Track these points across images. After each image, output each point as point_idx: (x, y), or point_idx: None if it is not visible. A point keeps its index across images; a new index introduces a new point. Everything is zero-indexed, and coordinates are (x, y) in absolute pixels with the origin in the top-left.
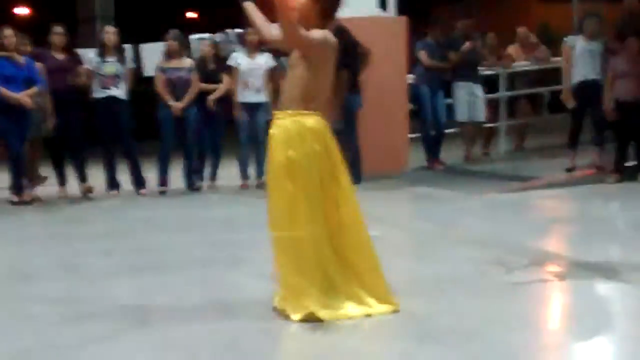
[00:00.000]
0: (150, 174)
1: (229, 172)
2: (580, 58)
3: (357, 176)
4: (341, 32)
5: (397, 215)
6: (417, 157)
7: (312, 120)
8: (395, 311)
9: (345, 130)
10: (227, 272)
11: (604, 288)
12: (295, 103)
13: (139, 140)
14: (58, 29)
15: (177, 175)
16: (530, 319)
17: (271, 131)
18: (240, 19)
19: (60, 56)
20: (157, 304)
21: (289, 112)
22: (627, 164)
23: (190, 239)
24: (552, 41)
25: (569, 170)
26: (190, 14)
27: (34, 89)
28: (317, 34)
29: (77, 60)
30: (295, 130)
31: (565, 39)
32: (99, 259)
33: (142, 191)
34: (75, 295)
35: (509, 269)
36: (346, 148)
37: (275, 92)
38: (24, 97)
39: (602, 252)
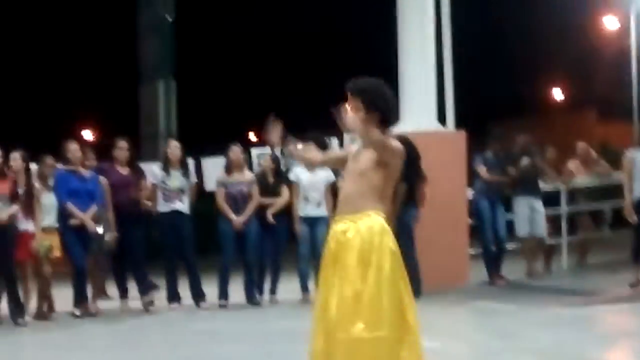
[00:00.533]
0: (211, 288)
1: (289, 286)
2: None
3: (417, 290)
4: (405, 144)
5: (457, 328)
6: (479, 272)
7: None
8: None
9: (402, 243)
10: None
11: None
12: (369, 204)
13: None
14: (122, 144)
15: (237, 289)
16: None
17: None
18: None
19: (124, 171)
20: None
21: (365, 212)
22: None
23: (248, 350)
24: (613, 160)
25: (633, 285)
26: (252, 135)
27: (93, 208)
28: (395, 142)
29: (140, 175)
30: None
31: (626, 151)
32: None
33: (202, 304)
34: None
35: None
36: (404, 261)
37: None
38: (88, 221)
39: None
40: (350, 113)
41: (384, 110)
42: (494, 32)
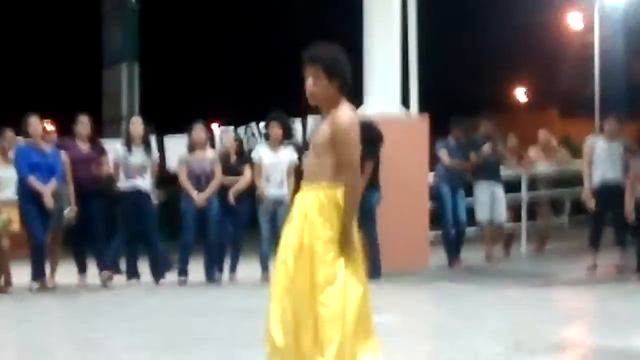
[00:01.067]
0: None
1: (249, 266)
2: (601, 159)
3: (376, 271)
4: (369, 125)
5: (415, 306)
6: (438, 256)
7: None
8: None
9: (364, 224)
10: (243, 350)
11: None
12: (324, 176)
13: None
14: (83, 119)
15: (197, 269)
16: None
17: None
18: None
19: (84, 146)
20: None
21: (323, 183)
22: None
23: (205, 323)
24: (573, 153)
25: (591, 269)
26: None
27: (53, 183)
28: (356, 152)
29: (101, 151)
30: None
31: (586, 138)
32: (117, 338)
33: (161, 281)
34: None
35: (531, 353)
36: (365, 242)
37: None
38: (47, 195)
39: (625, 339)
40: (311, 83)
41: (343, 76)
42: (459, 29)
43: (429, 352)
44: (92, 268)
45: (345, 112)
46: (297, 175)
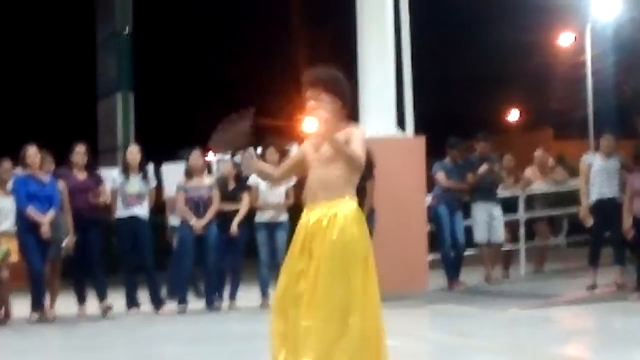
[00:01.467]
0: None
1: (249, 292)
2: (598, 176)
3: None
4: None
5: (415, 328)
6: (437, 278)
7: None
8: None
9: None
10: None
11: None
12: (343, 189)
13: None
14: (79, 148)
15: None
16: None
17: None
18: (261, 139)
19: (81, 176)
20: None
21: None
22: None
23: (207, 350)
24: (569, 170)
25: (590, 288)
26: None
27: (51, 213)
28: (362, 147)
29: (98, 180)
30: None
31: (582, 157)
32: None
33: (161, 310)
34: None
35: None
36: None
37: (297, 208)
38: (45, 225)
39: (625, 355)
40: (315, 106)
41: (345, 98)
42: (451, 50)
43: None
44: (92, 298)
45: (354, 126)
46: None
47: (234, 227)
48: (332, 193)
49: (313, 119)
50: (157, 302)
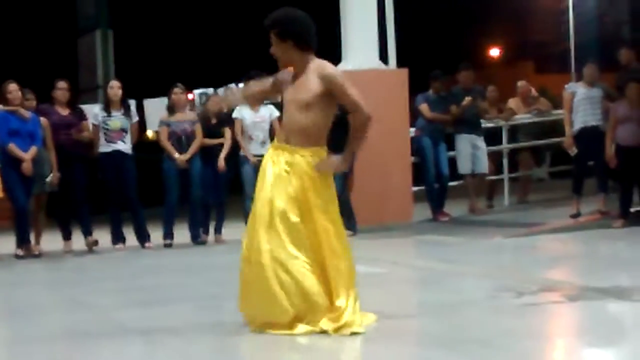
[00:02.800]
0: (156, 229)
1: (234, 226)
2: (581, 104)
3: (353, 224)
4: None
5: (402, 257)
6: (422, 210)
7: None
8: (375, 321)
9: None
10: (233, 304)
11: (614, 307)
12: (315, 140)
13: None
14: (61, 84)
15: (182, 230)
16: (542, 331)
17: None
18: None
19: (64, 112)
20: (162, 327)
21: (313, 149)
22: (632, 209)
23: (194, 280)
24: (551, 103)
25: (574, 216)
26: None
27: (34, 149)
28: (355, 90)
29: (80, 116)
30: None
31: (565, 86)
32: (107, 298)
33: (147, 245)
34: (83, 324)
35: (519, 293)
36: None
37: None
38: (27, 161)
39: (610, 279)
40: (273, 48)
41: (297, 34)
42: None
43: (418, 297)
44: (78, 234)
45: (324, 64)
46: None
47: (221, 161)
48: (306, 140)
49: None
50: (143, 237)
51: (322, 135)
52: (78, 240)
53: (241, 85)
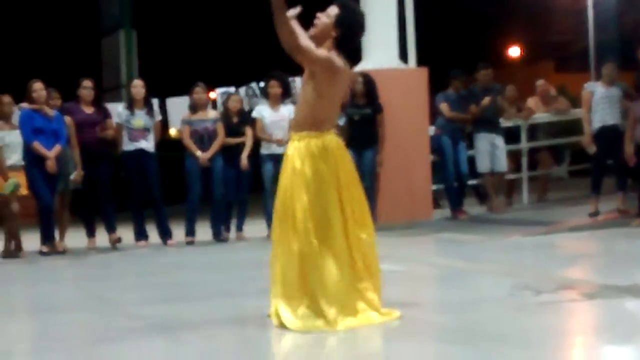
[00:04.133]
0: (178, 226)
1: (256, 224)
2: (600, 104)
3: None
4: (371, 80)
5: (421, 254)
6: (442, 208)
7: (326, 140)
8: (399, 318)
9: (364, 177)
10: (256, 300)
11: (633, 305)
12: (307, 125)
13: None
14: (87, 83)
15: (204, 230)
16: (560, 329)
17: (288, 152)
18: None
19: (88, 110)
20: (184, 323)
21: (304, 134)
22: None
23: (216, 276)
24: (570, 102)
25: (593, 214)
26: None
27: (58, 148)
28: (321, 51)
29: (105, 114)
30: (313, 149)
31: (584, 85)
32: (130, 294)
33: (170, 242)
34: (106, 320)
35: (537, 291)
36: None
37: None
38: (51, 159)
39: (629, 277)
40: (321, 15)
41: (346, 31)
42: None
43: (438, 295)
44: (101, 232)
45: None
46: None
47: (244, 160)
48: (302, 126)
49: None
50: (165, 235)
51: (318, 119)
52: (102, 237)
53: (262, 84)
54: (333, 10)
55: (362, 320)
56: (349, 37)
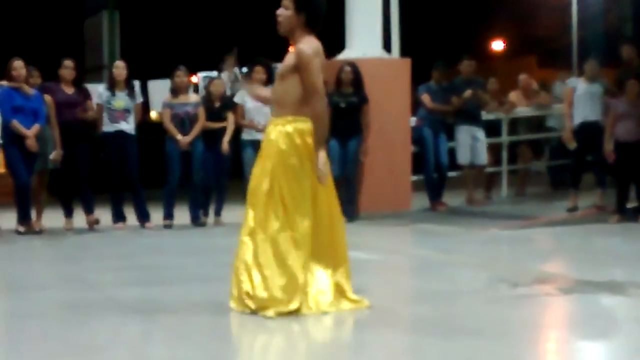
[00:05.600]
0: (157, 209)
1: (235, 209)
2: (581, 100)
3: (353, 211)
4: (356, 68)
5: (398, 244)
6: (421, 199)
7: (307, 125)
8: (368, 307)
9: (347, 167)
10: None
11: (608, 300)
12: (291, 109)
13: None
14: (67, 63)
15: (182, 214)
16: (535, 322)
17: (271, 136)
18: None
19: (69, 90)
20: (160, 306)
21: (289, 118)
22: (628, 205)
23: (194, 260)
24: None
25: (571, 210)
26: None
27: (37, 127)
28: (316, 67)
29: (85, 95)
30: (294, 134)
31: (566, 81)
32: (107, 275)
33: (147, 224)
34: (81, 301)
35: (513, 284)
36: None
37: None
38: (31, 138)
39: (605, 273)
40: (281, 11)
41: (311, 11)
42: None
43: (414, 285)
44: (79, 213)
45: (307, 40)
46: None
47: (225, 144)
48: (282, 109)
49: (278, 24)
50: (143, 217)
51: (300, 105)
52: (79, 218)
53: (245, 69)
54: (287, 1)
55: (331, 306)
56: (315, 14)
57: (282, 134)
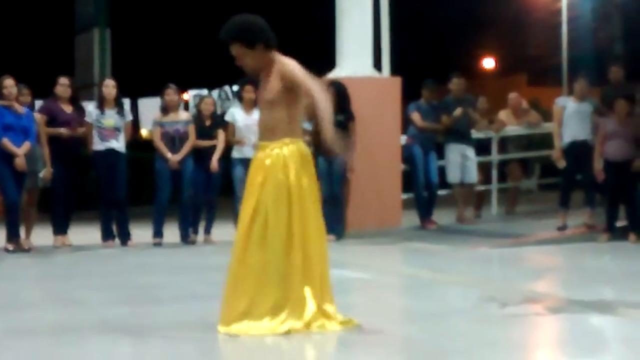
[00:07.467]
0: (146, 227)
1: (225, 228)
2: (571, 118)
3: (341, 229)
4: (342, 87)
5: (388, 263)
6: (411, 217)
7: (302, 146)
8: (357, 326)
9: (334, 184)
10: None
11: (597, 320)
12: (285, 133)
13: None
14: (64, 81)
15: (172, 232)
16: (525, 342)
17: (266, 162)
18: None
19: (68, 109)
20: (149, 325)
21: (286, 140)
22: (617, 224)
23: (182, 280)
24: (543, 115)
25: (561, 228)
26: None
27: (27, 145)
28: (287, 63)
29: (82, 113)
30: (295, 154)
31: (556, 100)
32: (96, 294)
33: (130, 243)
34: (70, 320)
35: (503, 304)
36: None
37: None
38: (20, 157)
39: (595, 293)
40: (240, 60)
41: (262, 38)
42: None
43: (403, 304)
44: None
45: (279, 60)
46: None
47: (214, 162)
48: (276, 135)
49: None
50: (124, 235)
51: (291, 128)
52: (71, 235)
53: (235, 87)
54: (232, 44)
55: (320, 328)
56: (266, 37)
57: (280, 156)
